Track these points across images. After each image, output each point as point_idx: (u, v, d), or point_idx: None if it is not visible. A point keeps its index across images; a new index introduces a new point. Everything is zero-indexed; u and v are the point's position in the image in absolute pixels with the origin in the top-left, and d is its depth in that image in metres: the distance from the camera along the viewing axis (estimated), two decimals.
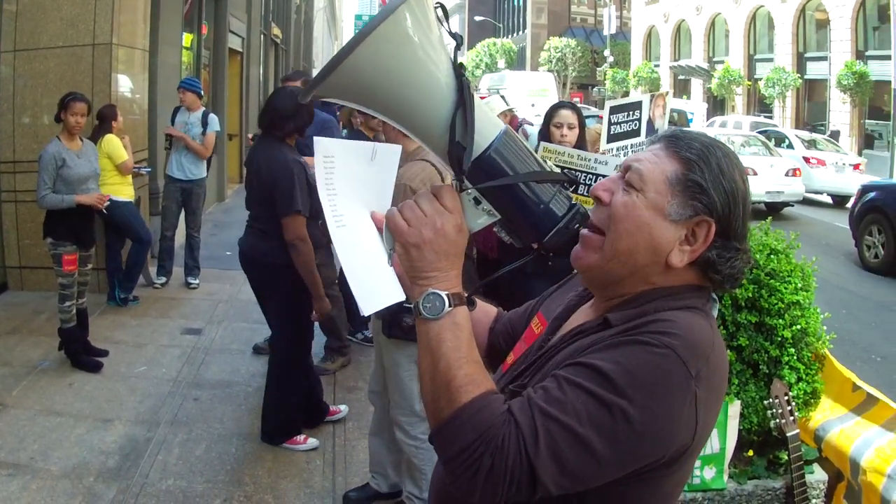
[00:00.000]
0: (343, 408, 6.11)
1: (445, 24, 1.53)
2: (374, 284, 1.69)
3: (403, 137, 4.00)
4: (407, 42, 1.44)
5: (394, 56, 1.43)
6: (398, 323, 4.20)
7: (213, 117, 9.63)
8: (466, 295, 1.60)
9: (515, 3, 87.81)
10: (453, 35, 1.55)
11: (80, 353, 6.80)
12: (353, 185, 1.72)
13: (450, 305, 1.53)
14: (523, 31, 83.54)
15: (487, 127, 1.55)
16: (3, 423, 5.69)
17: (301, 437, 5.59)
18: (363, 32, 1.39)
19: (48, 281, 7.68)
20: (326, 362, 7.01)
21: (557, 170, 1.64)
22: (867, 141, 35.11)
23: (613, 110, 5.94)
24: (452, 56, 1.54)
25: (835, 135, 31.76)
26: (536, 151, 5.29)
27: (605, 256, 1.69)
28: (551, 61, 67.30)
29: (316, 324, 6.60)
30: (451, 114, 1.50)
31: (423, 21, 1.47)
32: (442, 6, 1.53)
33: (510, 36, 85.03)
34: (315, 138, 1.77)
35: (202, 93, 9.76)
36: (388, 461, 4.84)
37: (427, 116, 1.52)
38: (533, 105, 30.82)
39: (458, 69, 1.52)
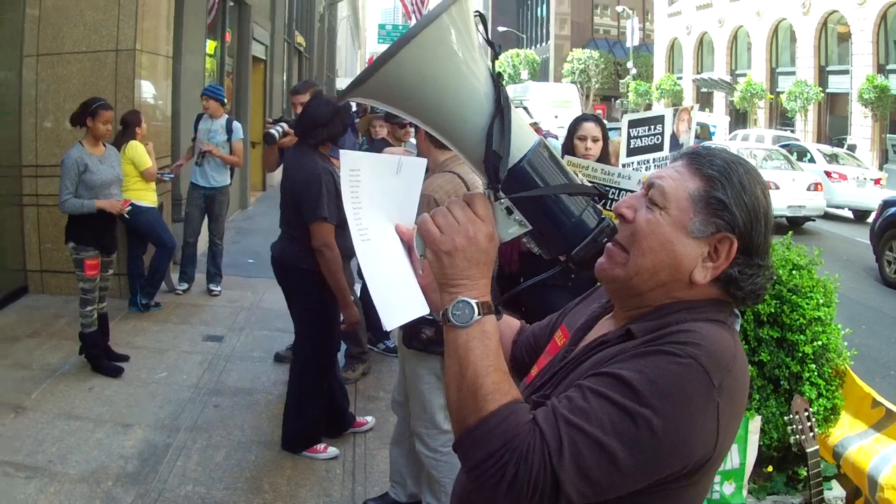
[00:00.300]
0: (370, 419, 6.07)
1: (484, 32, 1.53)
2: (397, 299, 1.69)
3: (434, 149, 4.09)
4: (447, 49, 1.45)
5: (433, 62, 1.44)
6: (417, 335, 4.18)
7: (237, 125, 9.61)
8: (495, 304, 1.60)
9: (538, 14, 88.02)
10: (491, 44, 1.58)
11: (100, 357, 6.78)
12: (378, 199, 1.72)
13: (479, 314, 1.53)
14: (546, 42, 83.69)
15: (522, 137, 1.55)
16: (21, 425, 5.68)
17: (321, 446, 5.54)
18: (405, 38, 1.39)
19: (69, 285, 7.68)
20: (348, 371, 6.94)
21: (588, 183, 1.67)
22: (885, 155, 34.87)
23: (633, 124, 5.90)
24: (490, 64, 1.54)
25: (851, 148, 31.53)
26: None
27: (629, 272, 1.69)
28: (574, 73, 67.34)
29: None
30: (487, 122, 1.50)
31: (464, 29, 1.47)
32: (481, 15, 1.53)
33: (533, 47, 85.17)
34: (342, 151, 1.78)
35: (225, 100, 9.72)
36: (408, 471, 4.80)
37: (464, 124, 1.52)
38: (556, 117, 30.86)
39: (496, 78, 1.53)
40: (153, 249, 8.68)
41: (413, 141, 6.95)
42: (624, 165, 5.67)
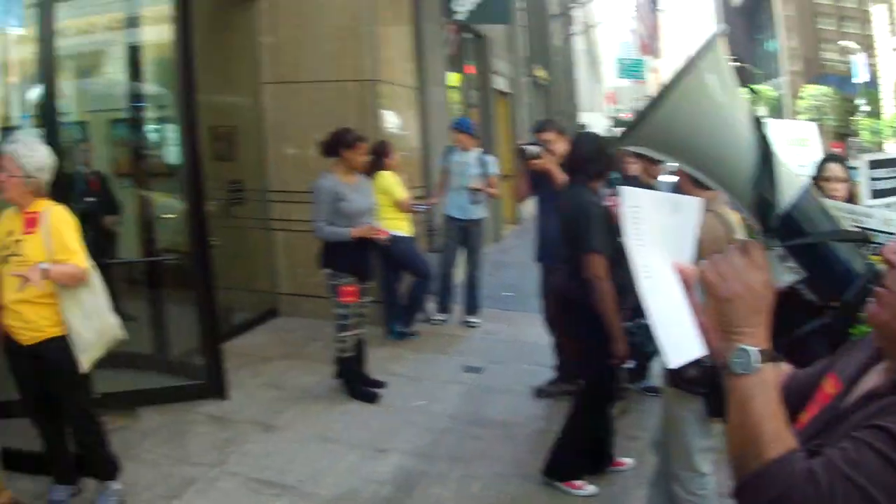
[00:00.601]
0: (629, 460, 5.77)
1: (740, 76, 1.17)
2: (679, 337, 1.70)
3: (694, 188, 3.95)
4: (707, 96, 1.47)
5: (695, 110, 1.47)
6: (681, 373, 3.96)
7: (491, 159, 9.44)
8: (773, 351, 1.59)
9: (769, 48, 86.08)
10: (750, 88, 1.20)
11: (356, 382, 6.72)
12: (658, 236, 1.74)
13: (759, 362, 1.53)
14: (779, 78, 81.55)
15: (790, 183, 1.56)
16: (271, 444, 5.70)
17: (580, 483, 5.33)
18: (667, 88, 1.43)
19: (321, 309, 7.61)
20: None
21: (852, 227, 1.65)
22: None
23: (874, 165, 5.78)
24: (750, 108, 1.55)
25: None
26: None
27: None
28: (809, 110, 65.13)
29: None
30: (754, 168, 1.52)
31: (720, 76, 1.49)
32: (736, 59, 1.20)
33: (767, 83, 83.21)
34: (624, 188, 1.80)
35: (474, 133, 9.56)
36: None
37: (732, 170, 1.54)
38: (797, 155, 29.88)
39: (758, 122, 1.55)
40: (409, 278, 8.58)
41: (663, 178, 7.21)
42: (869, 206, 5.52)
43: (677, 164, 1.66)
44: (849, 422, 1.61)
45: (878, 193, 5.69)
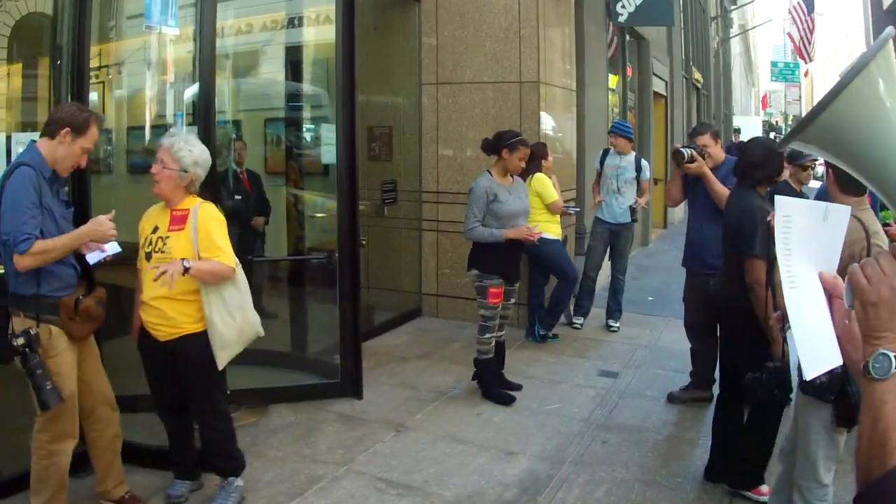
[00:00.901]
0: (764, 488, 5.51)
1: None
2: (818, 348, 1.69)
3: (840, 195, 4.01)
4: (877, 100, 1.44)
5: (866, 113, 1.44)
6: (813, 380, 3.78)
7: (645, 163, 9.38)
8: None
9: None
10: None
11: (493, 384, 6.75)
12: (806, 245, 1.72)
13: None
14: None
15: None
16: (400, 444, 5.76)
17: (765, 488, 5.25)
18: (836, 88, 1.40)
19: (463, 310, 7.73)
20: None
21: None
22: None
23: None
24: None
25: None
26: None
27: None
28: None
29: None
30: None
31: (891, 79, 1.44)
32: None
33: None
34: (777, 197, 1.79)
35: (632, 137, 9.49)
36: None
37: (892, 175, 1.50)
38: None
39: None
40: (554, 281, 8.58)
41: (811, 184, 7.02)
42: None
43: (839, 166, 1.62)
44: None
45: None
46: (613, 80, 13.86)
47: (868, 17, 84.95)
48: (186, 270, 4.19)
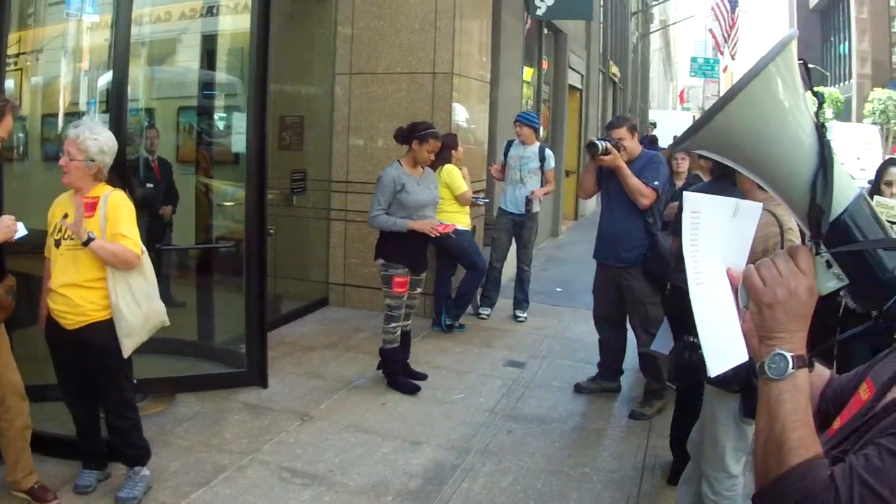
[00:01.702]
0: None
1: (808, 81, 1.54)
2: (723, 345, 1.70)
3: (755, 190, 4.01)
4: (774, 101, 1.48)
5: (761, 115, 1.47)
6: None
7: (549, 153, 9.44)
8: (809, 357, 1.61)
9: (841, 51, 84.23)
10: (815, 94, 1.57)
11: (398, 374, 6.77)
12: (714, 242, 1.73)
13: (793, 367, 1.55)
14: (849, 81, 79.72)
15: (844, 190, 1.55)
16: (305, 433, 5.74)
17: None
18: (732, 91, 1.43)
19: (370, 300, 7.75)
20: (645, 406, 6.67)
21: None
22: None
23: None
24: (815, 115, 1.55)
25: None
26: None
27: None
28: (874, 113, 63.58)
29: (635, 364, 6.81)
30: (811, 174, 1.52)
31: (789, 79, 1.49)
32: (805, 63, 1.54)
33: (837, 85, 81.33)
34: (685, 193, 1.79)
35: (539, 127, 9.56)
36: None
37: (790, 176, 1.54)
38: (858, 158, 29.62)
39: (820, 129, 1.54)
40: (461, 271, 8.64)
41: None
42: None
43: (733, 167, 1.68)
44: (876, 428, 1.61)
45: None
46: (528, 73, 13.96)
47: (794, 13, 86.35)
48: (90, 241, 4.19)
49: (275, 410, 6.09)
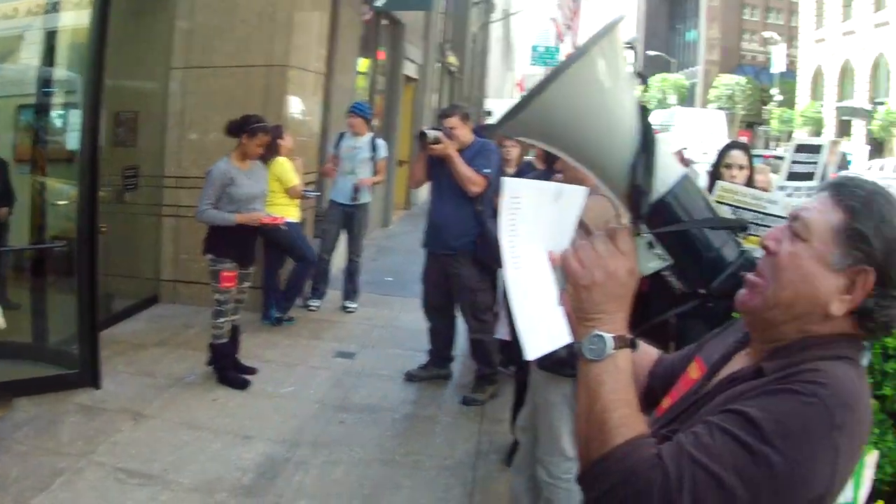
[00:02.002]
0: None
1: (633, 63, 1.45)
2: (542, 329, 1.69)
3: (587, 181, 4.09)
4: (596, 84, 1.46)
5: (582, 98, 1.45)
6: (550, 355, 4.01)
7: (381, 143, 9.61)
8: (630, 337, 1.61)
9: (688, 38, 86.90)
10: (639, 75, 1.61)
11: (227, 369, 6.80)
12: (535, 226, 1.72)
13: (613, 348, 1.55)
14: (695, 67, 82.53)
15: (667, 171, 1.56)
16: (139, 433, 5.72)
17: None
18: (554, 74, 1.40)
19: (201, 295, 7.79)
20: (477, 392, 6.87)
21: (729, 214, 1.73)
22: None
23: (799, 149, 5.87)
24: (638, 96, 1.56)
25: None
26: (711, 191, 5.21)
27: (768, 304, 1.66)
28: (720, 98, 66.18)
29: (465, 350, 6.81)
30: (632, 156, 1.51)
31: (613, 62, 1.47)
32: (632, 47, 1.45)
33: (682, 71, 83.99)
34: (504, 179, 1.80)
35: (371, 118, 9.73)
36: (527, 499, 4.66)
37: (609, 158, 1.53)
38: (701, 142, 30.60)
39: (643, 111, 1.54)
40: (290, 264, 8.71)
41: None
42: (780, 188, 5.73)
43: (554, 152, 1.67)
44: (708, 407, 1.65)
45: (792, 176, 5.81)
46: (364, 64, 14.04)
47: (641, 1, 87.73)
48: None
49: (109, 411, 6.00)
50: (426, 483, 5.35)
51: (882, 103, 45.48)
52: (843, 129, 49.84)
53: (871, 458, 3.82)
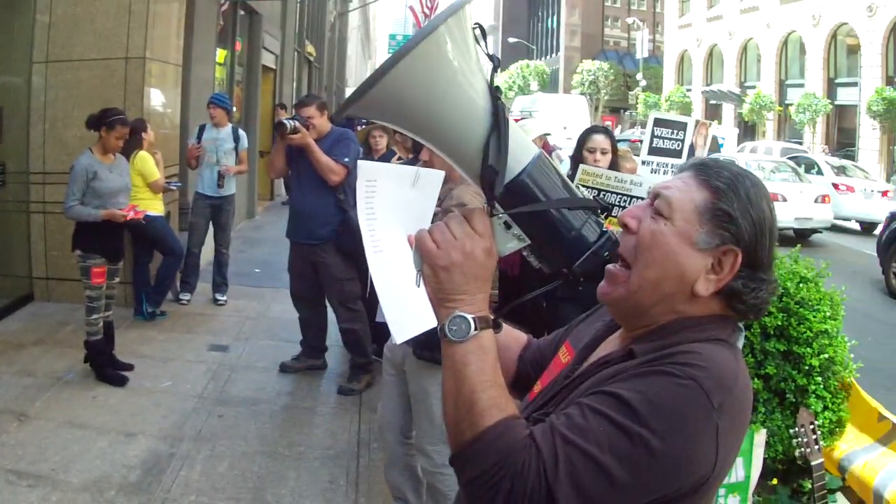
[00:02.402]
0: None
1: (483, 45, 1.51)
2: (408, 312, 1.72)
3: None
4: (445, 63, 1.43)
5: (431, 77, 1.42)
6: (429, 344, 4.05)
7: (242, 133, 9.66)
8: (493, 318, 1.59)
9: (549, 25, 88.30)
10: (491, 57, 1.55)
11: (105, 366, 6.74)
12: (393, 210, 1.74)
13: (476, 329, 1.52)
14: (556, 54, 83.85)
15: (521, 151, 1.53)
16: (24, 434, 5.65)
17: None
18: (401, 52, 1.37)
19: (74, 292, 7.66)
20: (353, 382, 6.96)
21: (589, 195, 1.64)
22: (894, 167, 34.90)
23: (658, 123, 5.93)
24: (489, 78, 1.52)
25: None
26: (573, 175, 5.27)
27: (632, 287, 1.68)
28: (584, 84, 67.46)
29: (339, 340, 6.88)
30: (485, 137, 1.48)
31: (462, 42, 1.45)
32: (480, 27, 1.50)
33: (543, 58, 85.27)
34: (359, 162, 1.84)
35: (232, 109, 9.72)
36: (408, 487, 4.76)
37: (461, 138, 1.50)
38: (565, 128, 30.87)
39: (494, 92, 1.51)
40: (159, 258, 8.66)
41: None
42: (644, 163, 5.73)
43: (402, 131, 1.64)
44: (579, 390, 1.64)
45: (654, 150, 5.82)
46: (222, 55, 13.95)
47: None
48: None
49: None
50: (311, 474, 5.43)
51: (752, 87, 46.92)
52: (713, 113, 51.31)
53: (759, 437, 4.03)
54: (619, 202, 5.10)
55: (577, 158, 5.82)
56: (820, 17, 41.17)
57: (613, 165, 5.75)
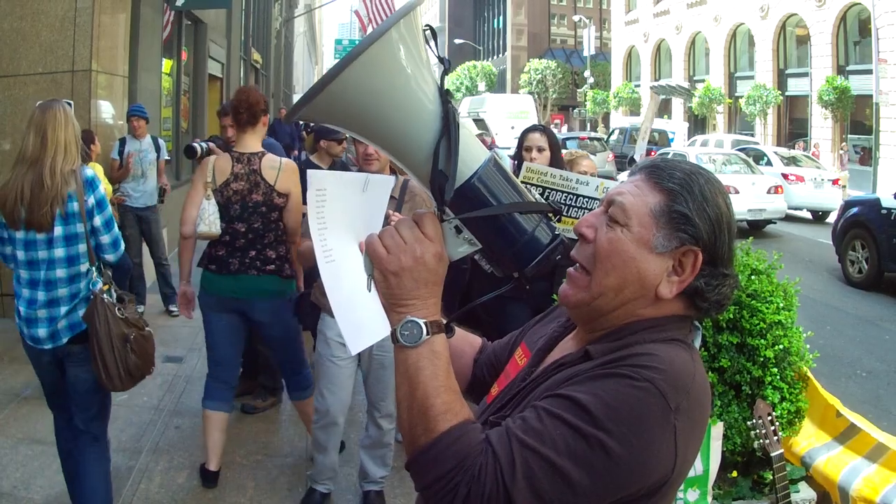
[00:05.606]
0: None
1: (434, 47, 1.51)
2: (361, 321, 1.72)
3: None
4: (395, 66, 1.42)
5: (381, 80, 1.41)
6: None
7: (162, 143, 9.75)
8: (445, 322, 1.59)
9: (495, 25, 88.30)
10: (441, 60, 1.53)
11: None
12: (343, 218, 1.72)
13: (428, 333, 1.52)
14: (503, 54, 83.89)
15: (472, 155, 1.52)
16: None
17: None
18: (351, 55, 1.35)
19: None
20: (257, 400, 6.94)
21: (535, 192, 1.65)
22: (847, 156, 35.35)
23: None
24: (439, 81, 1.51)
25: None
26: (517, 173, 5.26)
27: (593, 294, 1.66)
28: (531, 83, 67.55)
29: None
30: (435, 141, 1.47)
31: (412, 45, 1.44)
32: (431, 29, 1.51)
33: (491, 58, 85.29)
34: (309, 171, 1.81)
35: (148, 118, 9.71)
36: (374, 466, 5.00)
37: (411, 142, 1.49)
38: (513, 128, 30.84)
39: (445, 95, 1.50)
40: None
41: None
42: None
43: (353, 136, 1.65)
44: (535, 392, 1.64)
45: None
46: (168, 65, 13.91)
47: None
48: None
49: None
50: (269, 483, 5.47)
51: (701, 80, 47.14)
52: (663, 109, 51.43)
53: (716, 430, 4.11)
54: (565, 200, 5.11)
55: (517, 158, 5.89)
56: (768, 8, 41.30)
57: (554, 162, 5.74)
